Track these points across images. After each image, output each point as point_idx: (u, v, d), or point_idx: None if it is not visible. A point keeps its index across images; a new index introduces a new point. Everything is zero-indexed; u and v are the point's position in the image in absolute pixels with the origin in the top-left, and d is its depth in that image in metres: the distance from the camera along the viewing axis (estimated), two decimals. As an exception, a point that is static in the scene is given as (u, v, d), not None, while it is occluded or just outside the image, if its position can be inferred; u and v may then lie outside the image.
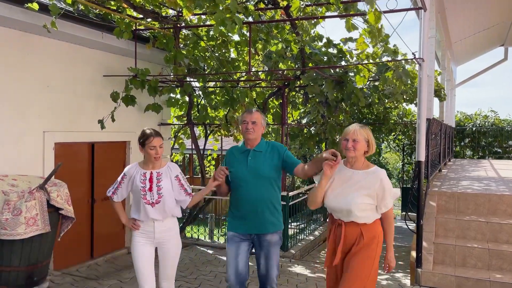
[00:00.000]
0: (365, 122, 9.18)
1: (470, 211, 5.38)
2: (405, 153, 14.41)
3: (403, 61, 5.22)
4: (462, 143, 14.19)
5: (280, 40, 5.79)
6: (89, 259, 6.07)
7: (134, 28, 5.82)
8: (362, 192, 2.82)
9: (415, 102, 7.77)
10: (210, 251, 6.68)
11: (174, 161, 9.35)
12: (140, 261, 3.32)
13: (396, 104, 8.61)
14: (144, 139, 3.25)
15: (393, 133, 12.07)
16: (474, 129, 13.72)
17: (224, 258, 6.25)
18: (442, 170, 8.22)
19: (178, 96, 7.31)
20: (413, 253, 4.89)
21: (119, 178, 3.39)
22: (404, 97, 7.04)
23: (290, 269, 5.77)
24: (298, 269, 5.78)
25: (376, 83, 6.53)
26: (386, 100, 7.66)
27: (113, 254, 6.39)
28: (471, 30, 9.40)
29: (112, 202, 3.47)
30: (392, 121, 8.96)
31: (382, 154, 14.31)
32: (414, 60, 4.51)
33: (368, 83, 6.35)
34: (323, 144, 9.02)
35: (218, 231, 7.84)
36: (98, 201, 6.17)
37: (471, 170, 8.64)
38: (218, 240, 7.26)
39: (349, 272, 2.81)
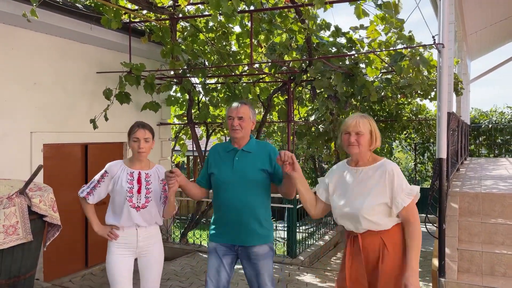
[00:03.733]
0: (376, 120, 8.71)
1: (497, 214, 4.88)
2: (417, 152, 13.89)
3: (420, 47, 4.77)
4: (477, 141, 13.62)
5: (284, 30, 5.35)
6: (83, 269, 5.68)
7: (127, 18, 5.44)
8: (371, 192, 2.31)
9: (429, 97, 7.29)
10: (213, 258, 6.25)
11: (176, 162, 8.96)
12: (120, 277, 2.88)
13: (409, 100, 8.13)
14: (129, 130, 2.91)
15: (405, 131, 11.57)
16: (490, 126, 13.14)
17: (228, 266, 5.82)
18: (460, 169, 7.72)
19: (179, 94, 6.93)
20: (435, 261, 4.41)
21: (97, 176, 2.94)
22: (419, 91, 6.56)
23: (299, 278, 5.32)
24: (308, 277, 5.33)
25: (389, 76, 6.06)
26: (399, 96, 7.19)
27: (110, 262, 5.99)
28: (487, 21, 8.90)
29: (83, 205, 2.99)
30: (405, 118, 8.47)
31: (394, 153, 13.78)
32: (433, 45, 4.05)
33: (380, 75, 5.89)
34: (332, 143, 8.57)
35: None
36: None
37: (491, 168, 8.11)
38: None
39: None
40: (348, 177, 2.45)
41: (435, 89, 6.55)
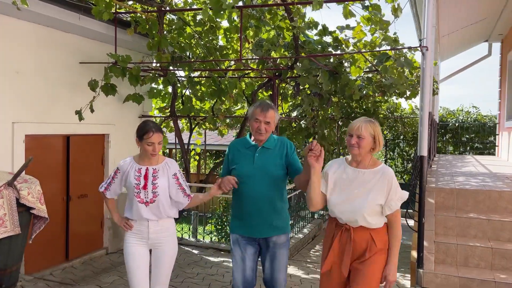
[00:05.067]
0: (354, 117, 8.95)
1: (470, 208, 5.18)
2: (387, 149, 14.33)
3: (404, 50, 4.97)
4: (444, 139, 14.21)
5: (273, 27, 5.42)
6: (64, 262, 5.60)
7: (113, 9, 5.36)
8: (371, 195, 2.55)
9: (405, 96, 7.55)
10: (195, 251, 6.30)
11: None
12: (133, 262, 3.01)
13: (386, 98, 8.39)
14: (142, 133, 2.90)
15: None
16: (457, 124, 13.73)
17: (211, 259, 5.90)
18: (432, 166, 8.07)
19: (161, 86, 6.88)
20: (414, 253, 4.65)
21: (112, 173, 3.12)
22: (396, 90, 6.80)
23: (282, 270, 5.45)
24: (291, 269, 5.48)
25: (370, 75, 6.26)
26: (377, 94, 7.41)
27: (91, 255, 5.94)
28: (460, 24, 9.27)
29: (104, 199, 3.21)
30: (382, 116, 8.74)
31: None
32: (419, 48, 4.24)
33: (362, 74, 6.06)
34: (311, 139, 8.73)
35: (203, 229, 7.46)
36: (73, 198, 5.70)
37: (460, 165, 8.52)
38: (203, 239, 6.88)
39: (360, 284, 2.54)
40: (349, 176, 2.64)
41: (412, 89, 6.80)
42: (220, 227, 8.81)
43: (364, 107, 8.68)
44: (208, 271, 5.33)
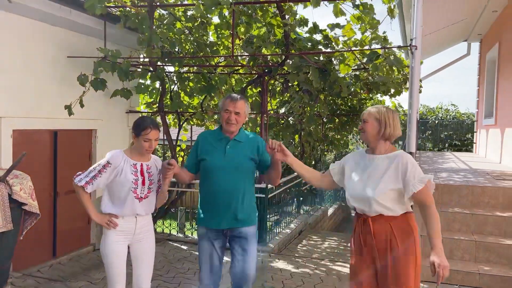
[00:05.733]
0: (339, 113, 9.08)
1: (454, 203, 5.35)
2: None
3: (393, 48, 5.08)
4: (423, 136, 14.56)
5: (264, 24, 5.45)
6: (51, 258, 5.53)
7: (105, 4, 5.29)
8: (384, 178, 2.50)
9: (389, 93, 7.71)
10: (184, 247, 6.31)
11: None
12: (118, 261, 2.95)
13: (371, 95, 8.55)
14: (141, 129, 2.86)
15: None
16: (436, 122, 14.08)
17: (201, 254, 5.91)
18: (415, 162, 8.27)
19: (148, 82, 6.82)
20: (401, 246, 4.78)
21: (98, 166, 2.88)
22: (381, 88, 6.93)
23: (272, 264, 5.53)
24: (280, 264, 5.55)
25: (357, 73, 6.37)
26: (363, 92, 7.55)
27: (78, 252, 5.88)
28: (442, 23, 9.49)
29: (80, 194, 2.93)
30: (366, 113, 8.89)
31: (349, 145, 14.41)
32: (408, 47, 4.35)
33: (351, 72, 6.16)
34: (296, 136, 8.83)
35: (191, 225, 7.46)
36: (61, 194, 5.63)
37: (441, 162, 8.76)
38: (191, 235, 6.89)
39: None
40: (364, 163, 2.66)
41: (397, 87, 6.95)
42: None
43: (349, 104, 8.81)
44: (198, 266, 5.35)
